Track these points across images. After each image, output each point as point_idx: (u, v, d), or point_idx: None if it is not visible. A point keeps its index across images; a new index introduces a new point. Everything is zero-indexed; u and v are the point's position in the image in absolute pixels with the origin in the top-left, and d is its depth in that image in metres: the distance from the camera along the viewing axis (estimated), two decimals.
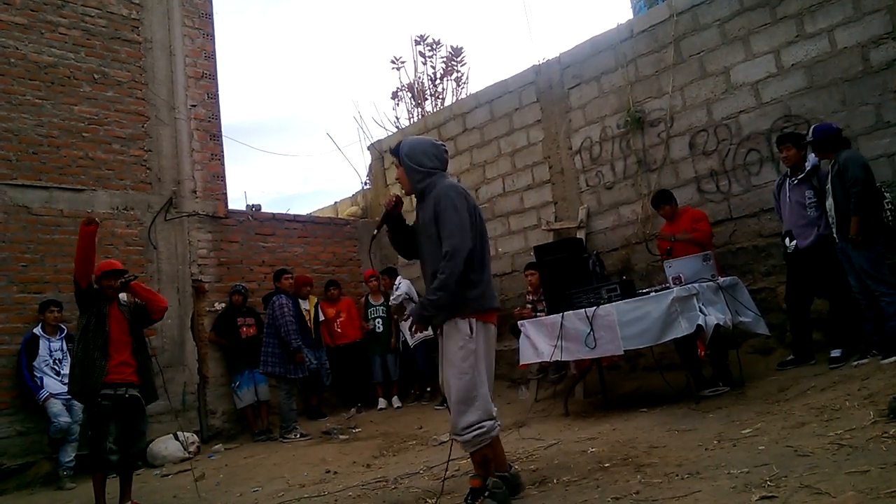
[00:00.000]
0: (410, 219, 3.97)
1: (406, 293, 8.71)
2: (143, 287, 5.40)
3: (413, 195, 3.86)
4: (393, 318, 9.06)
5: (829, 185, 5.44)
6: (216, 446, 7.65)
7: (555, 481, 3.89)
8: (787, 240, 5.85)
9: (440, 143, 3.93)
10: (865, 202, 5.19)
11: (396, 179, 3.87)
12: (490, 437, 3.54)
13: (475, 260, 3.59)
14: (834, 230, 5.41)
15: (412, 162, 3.73)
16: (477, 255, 3.61)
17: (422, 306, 3.63)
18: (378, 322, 9.12)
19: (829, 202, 5.42)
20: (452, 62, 14.63)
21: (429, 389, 8.71)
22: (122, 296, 5.26)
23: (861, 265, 5.22)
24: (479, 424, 3.49)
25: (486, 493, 3.51)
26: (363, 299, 9.47)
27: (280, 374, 7.76)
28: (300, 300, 8.59)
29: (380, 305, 9.19)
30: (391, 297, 8.88)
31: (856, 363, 5.22)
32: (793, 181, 5.84)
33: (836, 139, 5.45)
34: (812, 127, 5.60)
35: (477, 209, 3.74)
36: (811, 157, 5.79)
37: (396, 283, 8.84)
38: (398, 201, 3.89)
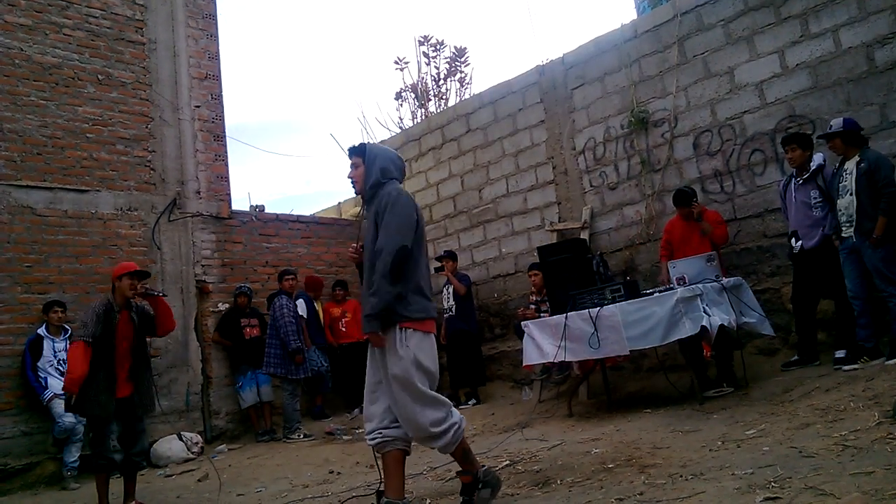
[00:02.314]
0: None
1: None
2: (166, 305, 5.27)
3: (363, 196, 3.80)
4: None
5: (845, 183, 5.37)
6: (220, 447, 7.66)
7: (558, 482, 3.88)
8: (794, 240, 5.83)
9: (400, 156, 3.90)
10: (895, 203, 5.15)
11: (349, 178, 3.80)
12: (462, 428, 3.53)
13: (410, 263, 3.50)
14: (851, 228, 5.32)
15: (376, 167, 3.68)
16: (413, 258, 3.53)
17: (366, 319, 3.51)
18: None
19: (848, 200, 5.33)
20: (456, 63, 14.64)
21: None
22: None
23: (875, 264, 5.19)
24: (450, 421, 3.47)
25: (480, 485, 3.55)
26: None
27: (281, 374, 7.77)
28: (314, 302, 8.66)
29: None
30: None
31: (847, 368, 5.20)
32: (798, 181, 5.82)
33: (861, 134, 5.43)
34: (842, 119, 5.47)
35: (421, 217, 3.69)
36: (816, 157, 5.76)
37: None
38: (361, 249, 3.81)
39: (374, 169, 3.68)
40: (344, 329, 9.12)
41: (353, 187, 3.82)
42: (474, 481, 3.56)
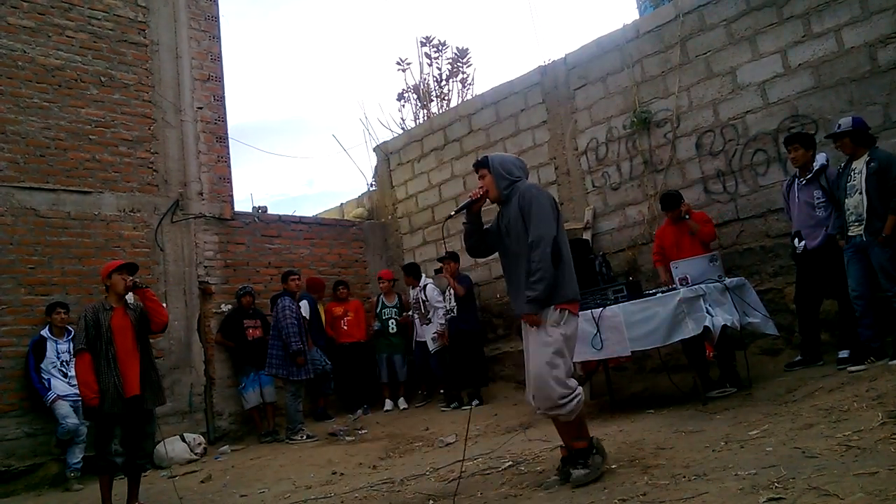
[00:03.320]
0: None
1: (420, 297, 8.72)
2: (153, 296, 5.22)
3: (499, 202, 4.15)
4: (407, 317, 9.07)
5: (853, 182, 5.35)
6: (223, 448, 7.66)
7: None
8: (797, 240, 5.82)
9: (519, 157, 4.37)
10: None
11: (480, 188, 4.14)
12: (582, 402, 3.86)
13: (561, 250, 3.90)
14: (861, 227, 5.30)
15: (502, 169, 4.08)
16: (562, 245, 3.93)
17: (529, 302, 3.85)
18: (391, 323, 9.14)
19: (858, 199, 5.30)
20: (458, 63, 14.64)
21: (441, 392, 8.67)
22: (130, 296, 5.19)
23: (883, 263, 5.17)
24: (574, 393, 3.80)
25: (594, 451, 3.86)
26: (376, 299, 9.49)
27: (283, 375, 7.77)
28: (317, 303, 8.69)
29: (393, 306, 9.21)
30: (412, 298, 8.90)
31: (853, 369, 5.19)
32: (801, 181, 5.81)
33: (869, 133, 5.42)
34: (850, 118, 5.44)
35: (557, 206, 4.08)
36: (819, 157, 5.75)
37: (422, 283, 8.85)
38: (484, 195, 4.13)
39: (501, 172, 4.07)
40: (346, 328, 9.13)
41: (487, 196, 4.15)
42: (589, 447, 3.86)
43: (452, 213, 4.45)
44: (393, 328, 9.12)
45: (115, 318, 4.99)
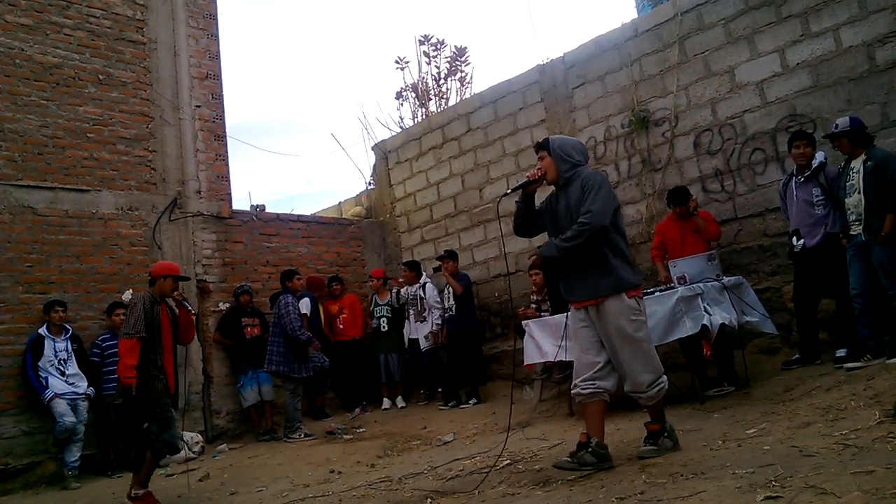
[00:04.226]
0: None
1: (419, 295, 8.71)
2: (191, 320, 5.67)
3: (557, 184, 4.17)
4: (402, 312, 9.07)
5: (852, 181, 5.35)
6: (221, 446, 7.66)
7: (559, 481, 3.88)
8: (795, 239, 5.82)
9: (582, 142, 4.46)
10: None
11: (538, 171, 4.16)
12: (665, 389, 4.06)
13: (616, 241, 3.98)
14: (860, 227, 5.30)
15: (563, 153, 4.10)
16: (617, 237, 4.00)
17: (549, 246, 4.03)
18: (383, 321, 9.12)
19: (856, 198, 5.31)
20: (456, 62, 14.61)
21: (440, 391, 8.67)
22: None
23: (882, 262, 5.17)
24: (658, 381, 4.00)
25: (665, 434, 4.05)
26: (370, 298, 9.49)
27: (285, 373, 7.76)
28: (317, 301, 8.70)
29: (385, 305, 9.19)
30: (409, 294, 8.87)
31: (849, 367, 5.20)
32: (799, 180, 5.81)
33: (867, 132, 5.41)
34: (847, 118, 5.43)
35: (617, 199, 4.19)
36: (818, 155, 5.74)
37: (421, 281, 8.84)
38: (542, 177, 4.15)
39: (562, 155, 4.10)
40: (341, 326, 9.11)
41: (544, 178, 4.16)
42: (661, 430, 4.06)
43: (508, 191, 4.47)
44: (384, 327, 9.09)
45: (162, 314, 5.27)
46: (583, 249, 3.91)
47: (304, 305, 8.33)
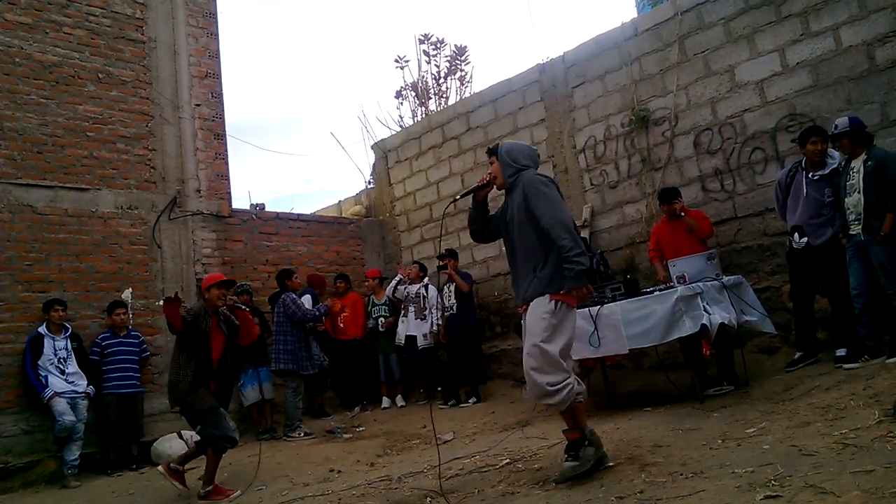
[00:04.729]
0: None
1: (422, 293, 8.70)
2: (247, 315, 5.96)
3: (504, 189, 4.18)
4: (391, 322, 9.07)
5: (852, 181, 5.34)
6: None
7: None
8: (797, 236, 5.75)
9: (533, 147, 4.33)
10: None
11: (489, 175, 4.19)
12: (576, 391, 3.81)
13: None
14: (860, 226, 5.30)
15: (509, 158, 4.11)
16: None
17: (576, 275, 3.81)
18: (380, 321, 9.12)
19: (856, 198, 5.30)
20: (456, 61, 14.62)
21: (439, 390, 8.65)
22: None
23: (882, 262, 5.17)
24: (564, 382, 3.76)
25: (586, 442, 3.82)
26: (367, 298, 9.49)
27: (294, 370, 7.76)
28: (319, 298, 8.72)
29: (383, 304, 9.19)
30: (413, 293, 8.85)
31: (847, 367, 5.20)
32: (812, 177, 5.71)
33: (867, 132, 5.40)
34: (847, 118, 5.40)
35: (561, 193, 4.12)
36: (835, 155, 5.68)
37: (425, 281, 8.85)
38: (491, 182, 4.18)
39: (507, 160, 4.11)
40: (342, 325, 9.11)
41: (493, 183, 4.18)
42: (581, 438, 3.82)
43: (458, 196, 4.49)
44: (382, 327, 9.08)
45: (213, 325, 5.47)
46: (580, 244, 3.88)
47: (307, 301, 8.33)
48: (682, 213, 6.37)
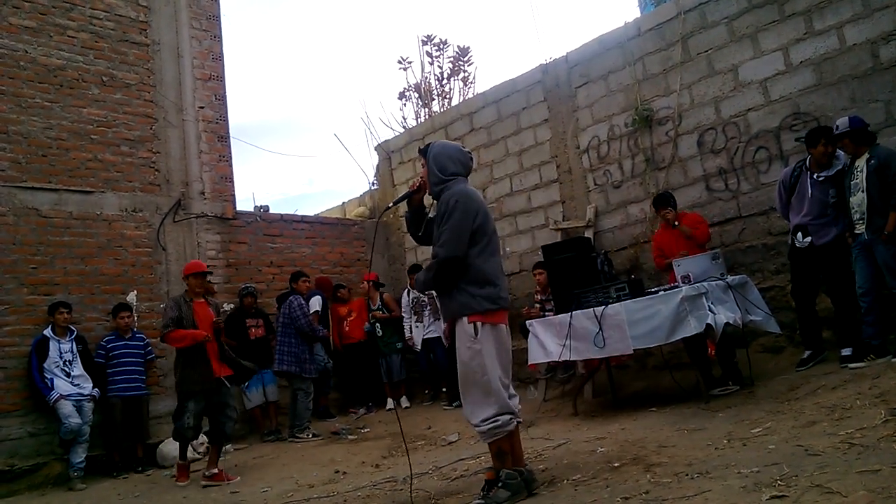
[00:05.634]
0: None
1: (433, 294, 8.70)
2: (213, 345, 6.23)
3: (433, 196, 3.93)
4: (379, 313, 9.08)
5: (856, 180, 5.32)
6: (225, 446, 7.64)
7: (564, 481, 3.88)
8: (800, 235, 5.72)
9: (467, 150, 4.00)
10: None
11: (420, 177, 3.95)
12: (505, 430, 3.62)
13: (470, 268, 3.67)
14: (863, 226, 5.28)
15: (436, 166, 3.82)
16: (474, 262, 3.68)
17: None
18: (377, 324, 9.10)
19: (860, 197, 5.28)
20: (459, 62, 14.64)
21: (444, 390, 8.63)
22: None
23: (886, 260, 5.14)
24: (495, 418, 3.58)
25: (500, 484, 3.59)
26: (366, 301, 9.49)
27: (297, 372, 7.77)
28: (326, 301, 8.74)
29: (378, 308, 9.19)
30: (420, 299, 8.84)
31: (853, 366, 5.18)
32: (818, 177, 5.66)
33: (869, 131, 5.38)
34: (847, 118, 5.36)
35: (485, 213, 3.78)
36: (841, 156, 5.64)
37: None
38: (422, 186, 3.93)
39: (434, 168, 3.82)
40: (347, 328, 9.12)
41: (424, 189, 3.93)
42: (495, 479, 3.63)
43: (390, 204, 4.47)
44: (379, 331, 9.08)
45: (197, 306, 6.08)
46: (442, 280, 3.72)
47: (316, 303, 8.35)
48: (677, 224, 6.33)
